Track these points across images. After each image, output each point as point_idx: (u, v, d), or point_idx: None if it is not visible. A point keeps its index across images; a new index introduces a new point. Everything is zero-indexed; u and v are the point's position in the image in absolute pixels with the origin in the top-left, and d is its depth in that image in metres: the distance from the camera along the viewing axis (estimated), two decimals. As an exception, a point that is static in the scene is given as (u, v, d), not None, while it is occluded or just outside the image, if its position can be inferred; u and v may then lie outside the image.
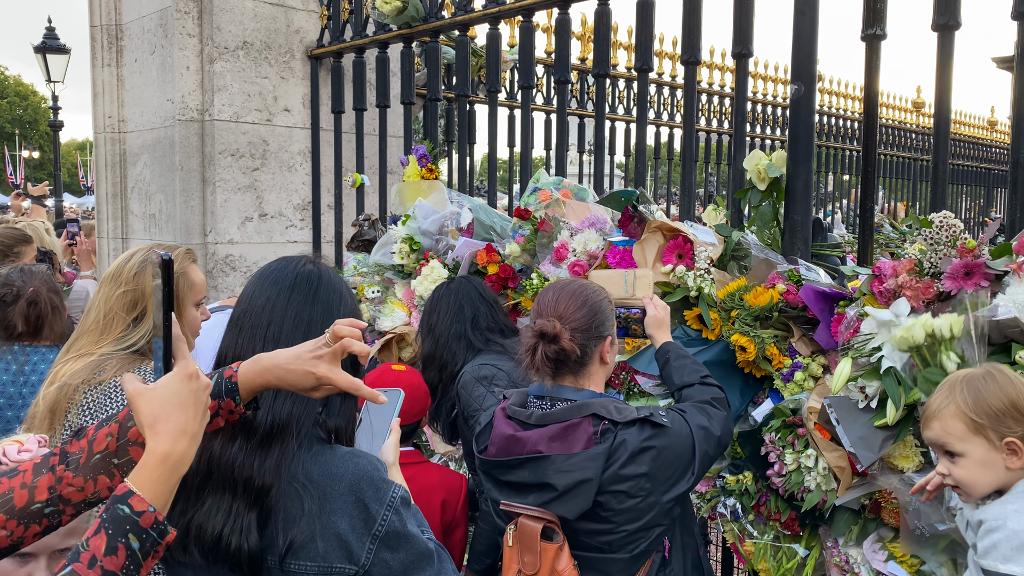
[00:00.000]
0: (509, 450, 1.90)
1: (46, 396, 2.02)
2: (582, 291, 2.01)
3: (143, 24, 4.52)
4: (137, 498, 1.10)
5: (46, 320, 2.79)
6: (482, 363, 2.56)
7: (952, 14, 2.25)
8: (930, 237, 2.08)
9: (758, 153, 2.54)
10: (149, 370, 2.00)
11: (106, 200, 4.85)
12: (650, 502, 1.84)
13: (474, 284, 2.82)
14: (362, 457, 1.48)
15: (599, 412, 1.86)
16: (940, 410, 1.64)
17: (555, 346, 1.91)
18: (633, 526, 1.84)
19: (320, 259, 1.65)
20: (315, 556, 1.40)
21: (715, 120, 7.36)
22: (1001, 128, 12.98)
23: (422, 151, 3.64)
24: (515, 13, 3.42)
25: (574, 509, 1.82)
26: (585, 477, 1.80)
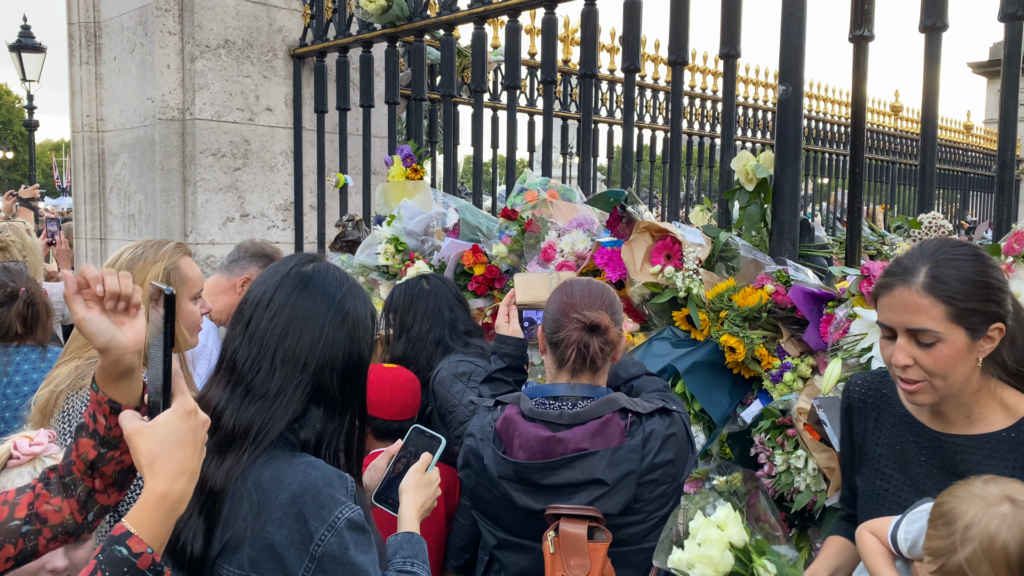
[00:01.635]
0: (549, 452, 1.84)
1: (38, 399, 2.00)
2: (605, 288, 2.02)
3: (122, 22, 4.46)
4: (135, 539, 1.07)
5: (40, 321, 2.74)
6: (459, 360, 2.53)
7: (939, 15, 2.26)
8: (919, 238, 2.09)
9: (746, 154, 2.54)
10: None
11: (84, 200, 4.78)
12: (675, 486, 1.92)
13: (449, 286, 2.78)
14: (317, 469, 1.41)
15: (626, 406, 1.89)
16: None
17: (601, 339, 1.91)
18: (661, 513, 1.90)
19: (321, 257, 1.64)
20: (242, 564, 1.37)
21: (697, 123, 7.38)
22: (977, 132, 13.15)
23: (407, 151, 3.61)
24: (501, 12, 3.41)
25: (619, 503, 1.84)
26: (631, 469, 1.83)
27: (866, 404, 1.78)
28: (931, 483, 1.64)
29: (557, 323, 1.93)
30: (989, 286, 1.53)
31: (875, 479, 1.75)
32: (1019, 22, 2.17)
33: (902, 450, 1.70)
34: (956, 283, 1.51)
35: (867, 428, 1.77)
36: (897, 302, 1.55)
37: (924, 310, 1.51)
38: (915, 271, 1.53)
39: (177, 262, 2.09)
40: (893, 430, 1.72)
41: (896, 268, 1.57)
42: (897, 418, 1.73)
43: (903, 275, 1.55)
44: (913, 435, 1.69)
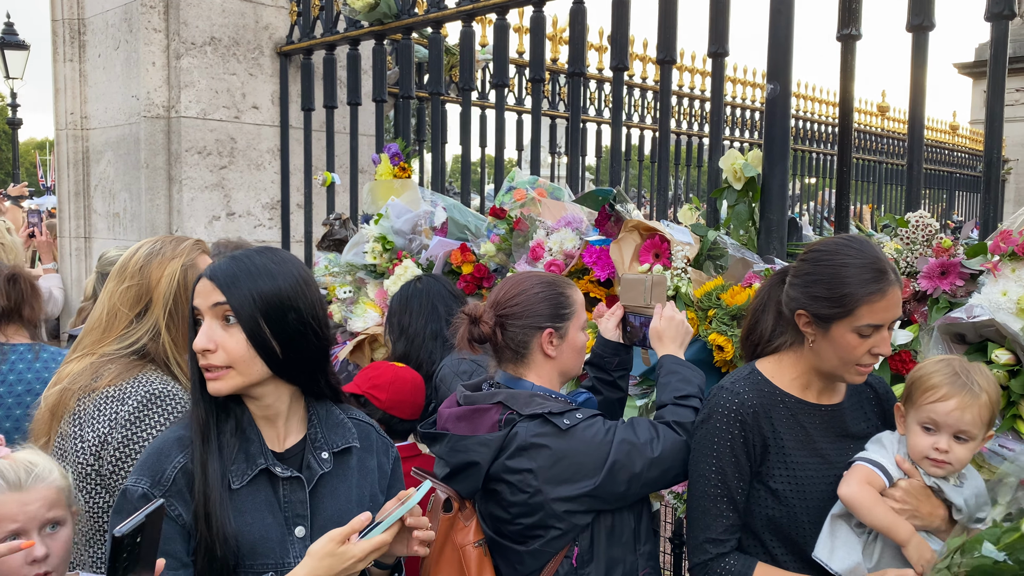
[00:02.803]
0: (436, 424, 1.99)
1: (47, 397, 1.93)
2: (526, 280, 2.02)
3: (107, 18, 4.42)
4: None
5: (26, 298, 2.67)
6: (461, 358, 2.54)
7: (927, 15, 2.27)
8: (906, 236, 2.09)
9: (734, 153, 2.54)
10: (143, 380, 1.90)
11: (68, 199, 4.73)
12: (538, 501, 1.83)
13: (442, 282, 2.80)
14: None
15: (507, 402, 1.88)
16: (974, 400, 1.65)
17: (476, 328, 1.97)
18: (527, 520, 1.86)
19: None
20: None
21: (686, 122, 7.40)
22: (962, 133, 13.24)
23: (395, 149, 3.60)
24: (489, 10, 3.40)
25: (466, 488, 1.90)
26: (472, 460, 1.86)
27: (759, 411, 1.79)
28: (838, 455, 1.80)
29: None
30: None
31: (788, 476, 1.78)
32: (1005, 21, 2.18)
33: (806, 434, 1.80)
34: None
35: (765, 433, 1.79)
36: (894, 300, 1.69)
37: (901, 298, 1.72)
38: (886, 269, 1.69)
39: (195, 259, 2.03)
40: (790, 422, 1.80)
41: (872, 273, 1.68)
42: (788, 410, 1.81)
43: (885, 276, 1.68)
44: (809, 418, 1.81)
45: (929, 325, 1.99)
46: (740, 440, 1.77)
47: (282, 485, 1.56)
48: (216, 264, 1.55)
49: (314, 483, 1.59)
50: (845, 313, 1.68)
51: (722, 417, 1.79)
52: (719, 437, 1.78)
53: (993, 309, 1.87)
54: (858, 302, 1.66)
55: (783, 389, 1.82)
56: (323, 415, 1.67)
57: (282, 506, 1.55)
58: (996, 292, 1.88)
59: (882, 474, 1.70)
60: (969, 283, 1.98)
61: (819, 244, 1.81)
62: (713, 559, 1.79)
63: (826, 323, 1.71)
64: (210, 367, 1.50)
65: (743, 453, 1.77)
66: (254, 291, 1.50)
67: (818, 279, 1.72)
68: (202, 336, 1.50)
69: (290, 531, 1.54)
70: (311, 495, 1.58)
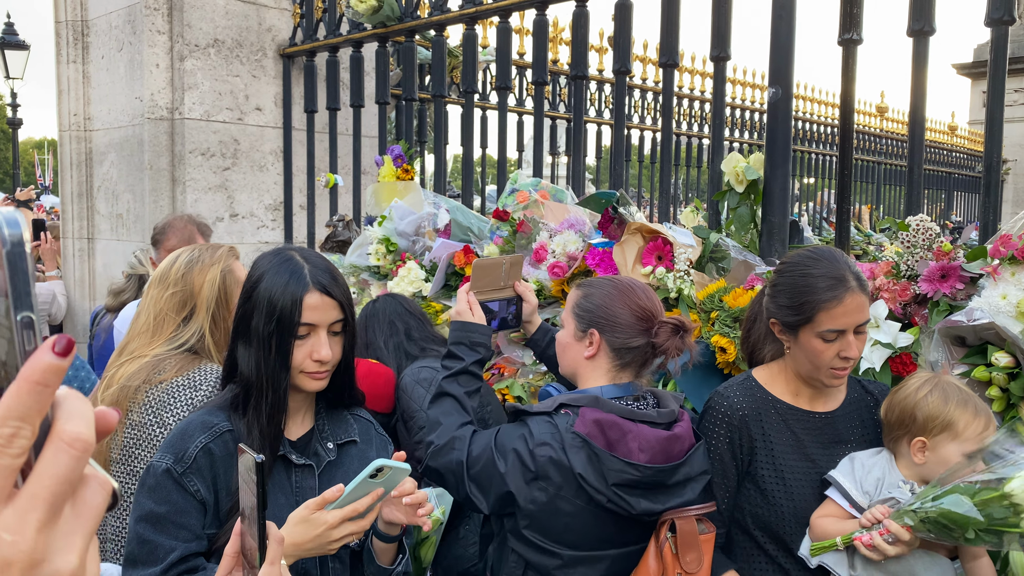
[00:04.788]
0: (669, 450, 1.80)
1: (104, 399, 2.04)
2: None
3: (111, 20, 4.43)
4: None
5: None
6: (420, 366, 2.55)
7: (927, 19, 2.29)
8: (907, 240, 2.11)
9: (736, 156, 2.56)
10: (209, 369, 2.06)
11: (71, 200, 4.75)
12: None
13: (398, 300, 2.80)
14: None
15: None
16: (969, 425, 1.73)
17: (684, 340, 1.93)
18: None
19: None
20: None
21: (687, 124, 7.42)
22: (961, 133, 13.26)
23: (398, 151, 3.62)
24: (492, 14, 3.42)
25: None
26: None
27: (748, 415, 1.88)
28: (828, 460, 1.85)
29: (635, 328, 1.89)
30: None
31: (775, 477, 1.85)
32: (1005, 26, 2.20)
33: (796, 439, 1.87)
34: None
35: (754, 435, 1.87)
36: (852, 306, 1.75)
37: (865, 304, 1.77)
38: (846, 278, 1.76)
39: (231, 265, 2.18)
40: (780, 427, 1.88)
41: (829, 281, 1.76)
42: (780, 415, 1.88)
43: (842, 284, 1.75)
44: (799, 423, 1.88)
45: (929, 328, 2.01)
46: (726, 441, 1.88)
47: (295, 471, 1.68)
48: (321, 278, 1.65)
49: (321, 470, 1.70)
50: (805, 320, 1.79)
51: (712, 419, 1.92)
52: (710, 437, 1.91)
53: (993, 312, 1.89)
54: (815, 309, 1.77)
55: (775, 395, 1.91)
56: (329, 410, 1.81)
57: (294, 490, 1.66)
58: (996, 295, 1.91)
59: (846, 502, 1.78)
60: (969, 286, 2.00)
61: (788, 256, 1.92)
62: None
63: (793, 330, 1.83)
64: (324, 371, 1.66)
65: (728, 453, 1.89)
66: (351, 303, 1.69)
67: (783, 289, 1.84)
68: (326, 348, 1.63)
69: None
70: (319, 481, 1.69)
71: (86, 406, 0.50)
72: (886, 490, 1.77)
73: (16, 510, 0.46)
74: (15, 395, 0.46)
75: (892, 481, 1.78)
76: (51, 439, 0.48)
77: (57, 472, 0.47)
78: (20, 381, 0.47)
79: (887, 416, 1.82)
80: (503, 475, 1.77)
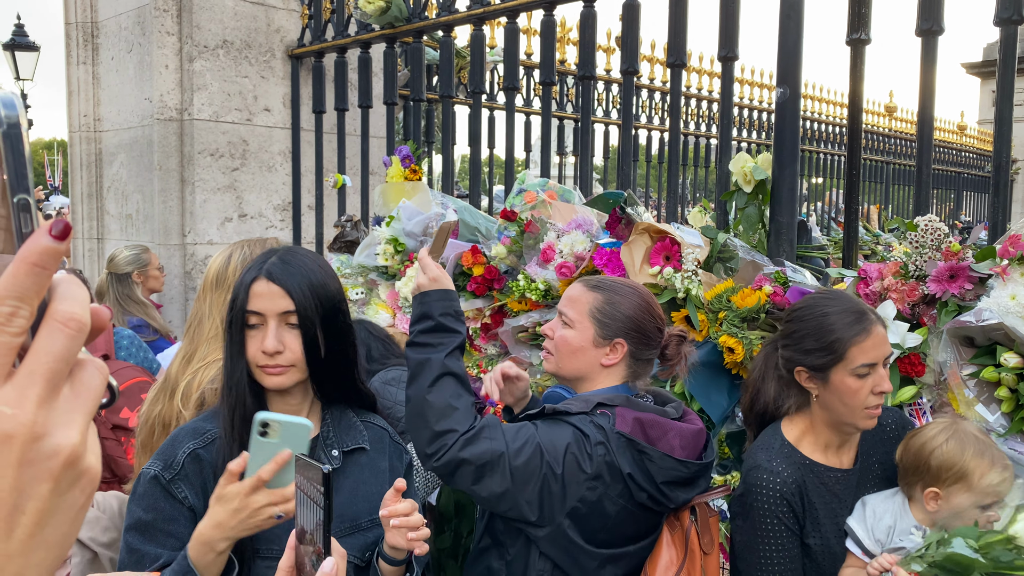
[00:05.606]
0: (698, 444, 1.85)
1: (188, 407, 1.98)
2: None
3: (120, 22, 4.46)
4: None
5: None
6: (384, 371, 2.55)
7: (936, 19, 2.29)
8: (915, 240, 2.11)
9: (744, 156, 2.56)
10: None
11: (81, 200, 4.78)
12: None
13: (364, 325, 2.78)
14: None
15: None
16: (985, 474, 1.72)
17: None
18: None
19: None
20: None
21: (694, 124, 7.41)
22: (970, 133, 13.21)
23: (405, 152, 3.62)
24: (500, 14, 3.42)
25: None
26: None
27: (799, 484, 1.83)
28: (844, 517, 1.85)
29: (656, 340, 1.94)
30: None
31: (817, 535, 1.83)
32: (1014, 26, 2.19)
33: (835, 496, 1.86)
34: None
35: (805, 503, 1.83)
36: (880, 338, 1.77)
37: (887, 337, 1.80)
38: (866, 311, 1.79)
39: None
40: (819, 489, 1.84)
41: (852, 316, 1.78)
42: (818, 477, 1.85)
43: (866, 317, 1.78)
44: (839, 484, 1.86)
45: (938, 328, 2.01)
46: (790, 516, 1.81)
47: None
48: (273, 266, 1.59)
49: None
50: (838, 359, 1.76)
51: (768, 498, 1.81)
52: (770, 517, 1.80)
53: (1002, 313, 1.88)
54: (847, 344, 1.75)
55: (808, 456, 1.86)
56: (336, 416, 1.73)
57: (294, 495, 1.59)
58: (1005, 296, 1.90)
59: (859, 550, 1.79)
60: (978, 286, 2.00)
61: (798, 304, 1.91)
62: None
63: (824, 373, 1.79)
64: (277, 366, 1.57)
65: (796, 527, 1.82)
66: (314, 296, 1.58)
67: (806, 333, 1.81)
68: (272, 339, 1.55)
69: None
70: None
71: (81, 290, 0.50)
72: (897, 538, 1.75)
73: (15, 386, 0.47)
74: (13, 276, 0.47)
75: (904, 527, 1.77)
76: (46, 319, 0.48)
77: (53, 350, 0.48)
78: (18, 262, 0.47)
79: (902, 460, 1.80)
80: (560, 476, 1.72)
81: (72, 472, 0.48)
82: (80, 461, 0.49)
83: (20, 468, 0.46)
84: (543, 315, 2.83)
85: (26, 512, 0.46)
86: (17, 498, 0.46)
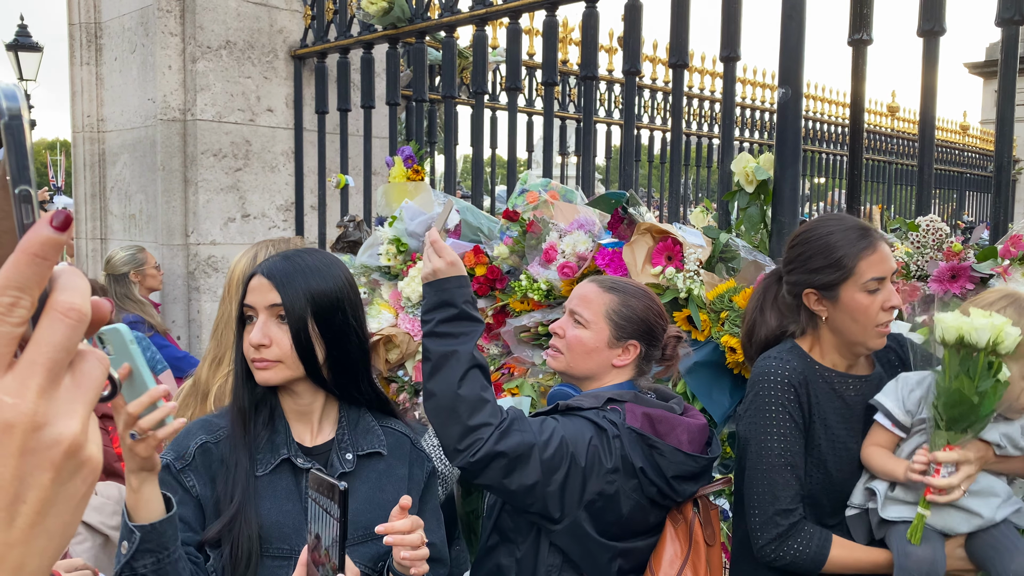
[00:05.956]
0: (703, 439, 1.88)
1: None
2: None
3: (123, 22, 4.47)
4: None
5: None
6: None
7: (937, 20, 2.29)
8: (916, 240, 2.12)
9: (746, 156, 2.57)
10: None
11: (84, 200, 4.79)
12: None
13: None
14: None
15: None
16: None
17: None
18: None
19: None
20: None
21: (696, 124, 7.41)
22: (973, 133, 13.19)
23: (408, 152, 3.63)
24: (502, 15, 3.43)
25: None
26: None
27: (806, 377, 1.82)
28: (864, 428, 1.82)
29: (658, 334, 1.97)
30: None
31: (831, 448, 1.82)
32: (1015, 26, 2.20)
33: (847, 405, 1.84)
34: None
35: (812, 401, 1.82)
36: (886, 251, 1.77)
37: (891, 252, 1.81)
38: (869, 227, 1.80)
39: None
40: (829, 395, 1.83)
41: (858, 231, 1.78)
42: (827, 383, 1.84)
43: (871, 232, 1.78)
44: (850, 389, 1.84)
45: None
46: (795, 405, 1.79)
47: (305, 477, 1.59)
48: (271, 262, 1.61)
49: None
50: (848, 273, 1.75)
51: (775, 384, 1.80)
52: (776, 404, 1.79)
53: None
54: (855, 259, 1.75)
55: (820, 362, 1.85)
56: (353, 419, 1.70)
57: (302, 496, 1.59)
58: (1006, 295, 1.91)
59: (889, 422, 1.75)
60: (979, 287, 2.00)
61: (799, 229, 1.90)
62: (787, 531, 1.77)
63: (834, 291, 1.77)
64: (263, 360, 1.58)
65: (800, 417, 1.79)
66: (306, 291, 1.57)
67: (812, 253, 1.79)
68: (257, 331, 1.57)
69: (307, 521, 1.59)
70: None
71: (82, 281, 0.51)
72: (927, 409, 1.71)
73: (16, 376, 0.47)
74: (14, 266, 0.47)
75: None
76: (47, 310, 0.49)
77: (53, 340, 0.48)
78: (19, 253, 0.47)
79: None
80: (583, 469, 1.72)
81: (73, 461, 0.48)
82: (81, 451, 0.49)
83: (21, 457, 0.46)
84: (545, 315, 2.84)
85: (27, 501, 0.47)
86: (18, 487, 0.46)
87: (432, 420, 1.74)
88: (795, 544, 1.76)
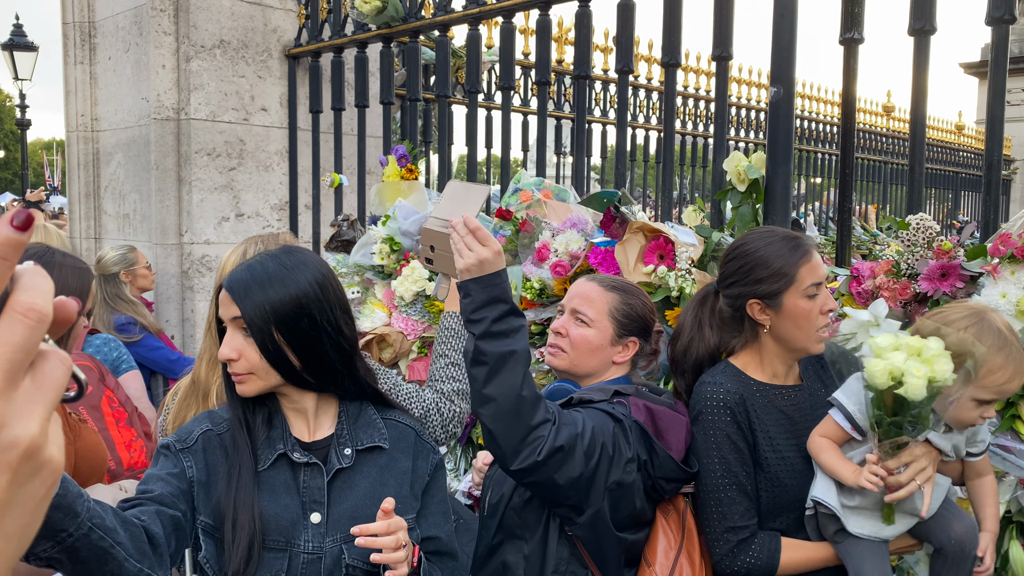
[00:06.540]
0: (688, 436, 1.92)
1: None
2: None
3: (117, 22, 4.47)
4: None
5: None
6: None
7: (928, 19, 2.30)
8: (907, 239, 2.12)
9: (738, 155, 2.57)
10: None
11: (79, 200, 4.78)
12: None
13: None
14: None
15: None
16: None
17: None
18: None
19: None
20: None
21: (690, 123, 7.42)
22: (968, 132, 13.22)
23: (402, 151, 3.63)
24: (496, 14, 3.43)
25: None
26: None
27: (743, 396, 1.85)
28: (805, 434, 1.84)
29: (652, 330, 2.05)
30: None
31: (778, 460, 1.85)
32: (1005, 25, 2.20)
33: (787, 417, 1.88)
34: None
35: (752, 419, 1.84)
36: (818, 260, 1.86)
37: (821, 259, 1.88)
38: (800, 236, 1.88)
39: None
40: (768, 408, 1.87)
41: (791, 241, 1.85)
42: (764, 396, 1.87)
43: (803, 241, 1.86)
44: (786, 400, 1.89)
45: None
46: (734, 427, 1.83)
47: (303, 471, 1.60)
48: (233, 274, 1.60)
49: (332, 474, 1.61)
50: (790, 281, 1.81)
51: (711, 409, 1.85)
52: (713, 428, 1.85)
53: (993, 310, 1.89)
54: (796, 267, 1.82)
55: (754, 378, 1.89)
56: (354, 413, 1.69)
57: (300, 491, 1.59)
58: (996, 294, 1.91)
59: (848, 424, 1.76)
60: (969, 285, 2.01)
61: (732, 245, 1.95)
62: (736, 546, 1.82)
63: (776, 299, 1.83)
64: (236, 373, 1.59)
65: (740, 438, 1.83)
66: (265, 303, 1.55)
67: (753, 265, 1.85)
68: (225, 346, 1.58)
69: (305, 516, 1.59)
70: (329, 485, 1.61)
71: (45, 281, 0.50)
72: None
73: None
74: None
75: None
76: (6, 310, 0.47)
77: (12, 340, 0.47)
78: None
79: (918, 333, 1.70)
80: (611, 458, 1.74)
81: (31, 464, 0.47)
82: (40, 452, 0.48)
83: None
84: (538, 314, 2.84)
85: None
86: None
87: (490, 425, 1.64)
88: (746, 557, 1.82)
